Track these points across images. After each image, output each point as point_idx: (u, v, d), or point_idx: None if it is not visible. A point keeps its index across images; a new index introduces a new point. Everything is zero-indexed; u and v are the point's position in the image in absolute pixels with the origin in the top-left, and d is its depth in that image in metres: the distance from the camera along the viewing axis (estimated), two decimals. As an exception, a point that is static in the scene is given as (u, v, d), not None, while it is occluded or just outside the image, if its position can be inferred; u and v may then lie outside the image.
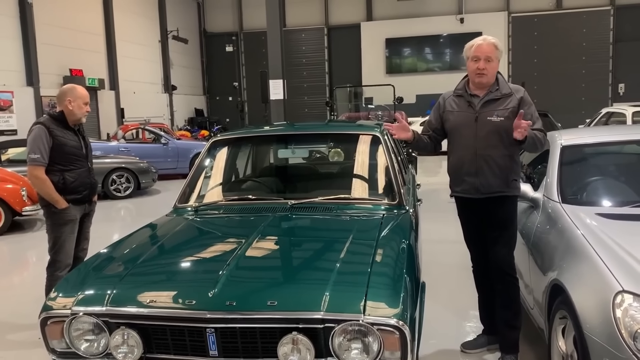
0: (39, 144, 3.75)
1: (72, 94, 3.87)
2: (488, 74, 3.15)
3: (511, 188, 3.22)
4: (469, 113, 3.22)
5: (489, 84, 3.20)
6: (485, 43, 3.15)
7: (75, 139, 3.92)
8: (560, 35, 22.50)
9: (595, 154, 3.83)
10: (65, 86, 4.03)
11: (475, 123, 3.19)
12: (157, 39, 22.75)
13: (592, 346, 2.27)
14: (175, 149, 13.69)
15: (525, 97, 3.20)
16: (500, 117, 3.14)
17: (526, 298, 3.48)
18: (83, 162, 3.96)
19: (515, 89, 3.23)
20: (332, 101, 13.85)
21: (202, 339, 2.20)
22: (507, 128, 3.08)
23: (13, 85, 15.00)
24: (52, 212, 3.86)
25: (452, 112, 3.30)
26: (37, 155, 3.74)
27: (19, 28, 15.24)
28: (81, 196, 3.93)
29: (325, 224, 3.18)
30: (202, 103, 26.98)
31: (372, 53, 24.34)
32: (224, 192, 3.69)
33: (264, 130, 4.22)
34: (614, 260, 2.44)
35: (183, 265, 2.69)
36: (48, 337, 2.37)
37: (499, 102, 3.18)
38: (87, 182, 3.98)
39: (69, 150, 3.86)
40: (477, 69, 3.14)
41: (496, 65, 3.18)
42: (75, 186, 3.88)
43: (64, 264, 3.91)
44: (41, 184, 3.78)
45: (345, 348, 2.13)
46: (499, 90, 3.20)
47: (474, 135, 3.18)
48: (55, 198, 3.79)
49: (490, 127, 3.15)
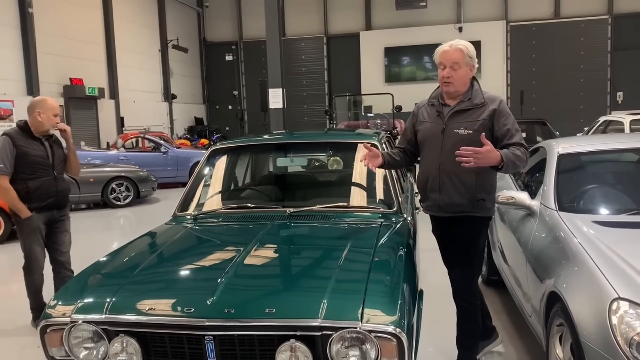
0: (3, 154, 3.95)
1: (42, 106, 4.08)
2: (455, 82, 2.91)
3: (477, 208, 2.96)
4: (437, 124, 3.01)
5: (458, 93, 2.96)
6: (452, 49, 2.91)
7: (40, 149, 4.09)
8: (558, 44, 22.60)
9: (592, 162, 3.86)
10: (36, 98, 4.24)
11: (441, 135, 2.96)
12: (157, 48, 22.84)
13: (589, 353, 2.28)
14: (175, 158, 13.72)
15: (501, 108, 2.91)
16: (467, 130, 2.88)
17: (524, 306, 3.49)
18: (48, 170, 4.10)
19: (490, 99, 2.95)
20: (331, 110, 13.90)
21: (200, 346, 2.21)
22: (476, 142, 2.77)
23: (13, 94, 15.03)
24: (17, 221, 4.09)
25: (422, 123, 3.11)
26: (1, 165, 3.93)
27: (19, 37, 15.31)
28: (45, 204, 4.08)
29: (323, 232, 3.19)
30: (202, 112, 27.04)
31: (371, 62, 24.43)
32: (223, 200, 3.71)
33: (262, 139, 4.25)
34: (610, 267, 2.46)
35: (182, 273, 2.70)
36: (47, 344, 2.38)
37: (469, 113, 2.93)
38: (53, 190, 4.11)
39: (32, 160, 4.02)
40: (443, 77, 2.93)
41: (465, 72, 2.91)
42: (39, 194, 4.04)
43: (35, 267, 4.18)
44: (5, 192, 3.96)
45: (343, 355, 2.14)
46: (470, 100, 2.95)
47: (440, 148, 2.96)
48: (19, 207, 3.98)
49: (455, 140, 2.89)
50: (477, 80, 3.03)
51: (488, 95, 2.98)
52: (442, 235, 3.16)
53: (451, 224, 3.01)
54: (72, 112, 17.18)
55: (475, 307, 3.16)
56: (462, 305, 3.16)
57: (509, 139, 2.88)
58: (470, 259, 3.08)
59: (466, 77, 2.94)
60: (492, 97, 2.98)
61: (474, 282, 3.17)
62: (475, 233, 3.04)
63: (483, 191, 2.98)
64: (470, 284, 3.14)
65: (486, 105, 2.93)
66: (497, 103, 2.94)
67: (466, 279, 3.12)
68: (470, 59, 2.93)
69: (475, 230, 3.03)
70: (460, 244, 3.06)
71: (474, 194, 2.95)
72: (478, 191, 2.96)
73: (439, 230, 3.15)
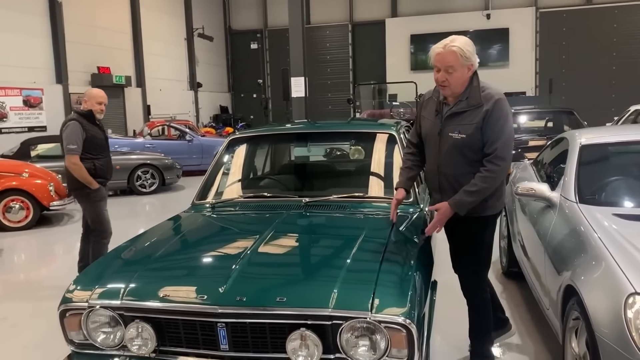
0: (75, 136, 4.54)
1: (88, 95, 4.69)
2: (450, 86, 2.77)
3: (479, 209, 2.86)
4: (435, 124, 2.91)
5: (456, 94, 2.82)
6: (445, 51, 2.72)
7: (100, 133, 4.73)
8: (590, 31, 22.01)
9: (615, 154, 3.76)
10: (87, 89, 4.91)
11: (438, 137, 2.88)
12: (183, 36, 23.02)
13: (603, 348, 2.25)
14: (200, 146, 13.87)
15: (494, 109, 2.73)
16: (461, 135, 2.78)
17: (542, 299, 3.45)
18: (107, 151, 4.79)
19: (486, 98, 2.76)
20: (354, 98, 13.82)
21: (213, 333, 2.25)
22: (471, 145, 2.76)
23: (43, 82, 15.36)
24: (86, 194, 4.66)
25: (424, 118, 3.01)
26: (74, 146, 4.53)
27: (49, 27, 15.60)
28: (106, 180, 4.78)
29: (338, 222, 3.20)
30: (227, 100, 27.21)
31: (396, 49, 24.19)
32: (240, 189, 3.75)
33: (279, 129, 4.26)
34: (628, 261, 2.41)
35: (197, 261, 2.75)
36: (67, 328, 2.45)
37: (465, 115, 2.80)
38: (111, 168, 4.85)
39: (97, 142, 4.67)
40: (437, 80, 2.80)
41: (461, 74, 2.74)
42: (103, 171, 4.71)
43: (108, 232, 4.77)
44: (78, 169, 4.56)
45: (352, 345, 2.15)
46: (468, 100, 2.79)
47: (438, 150, 2.89)
48: (89, 180, 4.59)
49: (450, 143, 2.81)
50: (476, 76, 2.85)
51: (485, 94, 2.79)
52: (450, 232, 3.12)
53: (456, 221, 2.91)
54: (100, 100, 17.44)
55: (485, 301, 3.15)
56: (472, 300, 3.14)
57: (487, 147, 2.76)
58: (477, 255, 3.04)
59: (462, 79, 2.78)
60: (489, 95, 2.78)
61: (483, 278, 3.14)
62: (480, 231, 2.99)
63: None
64: (479, 279, 3.11)
65: (482, 106, 2.76)
66: (491, 103, 2.75)
67: (475, 275, 3.09)
68: (466, 59, 2.74)
69: (480, 228, 2.98)
70: (467, 241, 3.02)
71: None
72: None
73: (446, 227, 3.05)
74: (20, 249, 7.28)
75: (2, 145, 11.80)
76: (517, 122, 10.12)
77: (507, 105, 2.81)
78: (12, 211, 7.97)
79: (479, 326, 3.17)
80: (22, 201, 7.99)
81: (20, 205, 7.99)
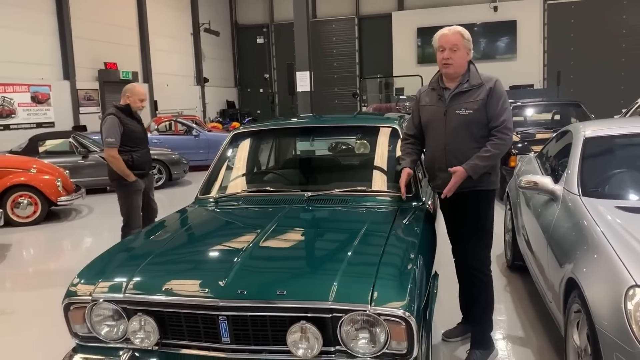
0: (113, 130, 4.75)
1: (130, 91, 4.93)
2: (454, 64, 3.06)
3: (484, 182, 3.12)
4: (438, 107, 3.16)
5: (457, 74, 3.11)
6: (450, 32, 3.09)
7: (138, 126, 4.98)
8: (598, 23, 21.79)
9: (619, 146, 3.74)
10: (129, 84, 5.11)
11: (444, 117, 3.12)
12: (190, 31, 23.05)
13: (604, 341, 2.25)
14: (206, 141, 13.91)
15: (496, 87, 3.06)
16: (468, 110, 3.06)
17: (545, 292, 3.45)
18: (145, 144, 5.03)
19: (486, 79, 3.10)
20: (360, 92, 13.79)
21: (214, 326, 2.27)
22: (477, 121, 3.05)
23: (50, 79, 15.45)
24: (123, 185, 4.87)
25: (424, 107, 3.25)
26: (112, 139, 4.74)
27: (55, 23, 15.68)
28: (144, 172, 4.99)
29: (340, 216, 3.21)
30: (234, 95, 27.25)
31: (403, 43, 24.09)
32: (243, 184, 3.76)
33: (282, 123, 4.27)
34: (629, 254, 2.40)
35: (199, 255, 2.77)
36: (71, 321, 2.48)
37: (468, 94, 3.08)
38: (149, 160, 5.08)
39: (135, 135, 4.89)
40: (442, 58, 3.08)
41: (463, 54, 3.08)
42: (140, 163, 4.91)
43: (136, 224, 4.92)
44: (116, 161, 4.77)
45: (352, 337, 2.17)
46: (469, 82, 3.10)
47: (444, 130, 3.12)
48: (127, 172, 4.80)
49: (457, 120, 3.08)
50: (473, 64, 3.18)
51: (485, 76, 3.13)
52: (451, 211, 3.30)
53: (458, 199, 3.14)
54: (107, 95, 17.55)
55: (488, 277, 3.29)
56: (475, 275, 3.26)
57: (494, 120, 3.05)
58: (480, 231, 3.22)
59: (464, 59, 3.10)
60: (488, 77, 3.13)
61: (486, 254, 3.29)
62: (482, 206, 3.19)
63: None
64: (482, 255, 3.26)
65: (483, 85, 3.08)
66: (492, 82, 3.09)
67: (478, 251, 3.24)
68: (468, 41, 3.11)
69: (481, 203, 3.18)
70: (469, 217, 3.21)
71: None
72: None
73: (448, 206, 3.28)
74: (29, 244, 7.36)
75: (10, 141, 11.90)
76: (524, 114, 10.06)
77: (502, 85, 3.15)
78: (21, 207, 8.05)
79: (480, 306, 3.28)
80: (30, 197, 8.07)
81: (28, 200, 8.07)
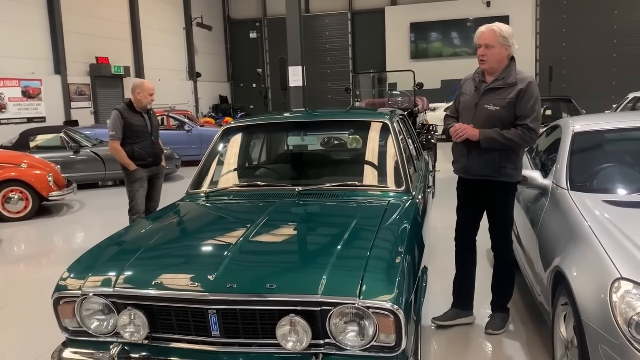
0: (115, 124, 5.21)
1: (141, 87, 5.28)
2: (488, 60, 3.26)
3: (500, 174, 3.35)
4: (472, 98, 3.39)
5: (492, 70, 3.30)
6: (487, 30, 3.26)
7: (141, 120, 5.32)
8: (590, 18, 21.91)
9: (608, 141, 3.77)
10: (137, 80, 5.54)
11: (474, 108, 3.35)
12: (182, 26, 22.95)
13: (589, 332, 2.28)
14: (199, 136, 13.87)
15: (528, 89, 3.22)
16: (496, 107, 3.25)
17: (534, 286, 3.48)
18: (147, 136, 5.35)
19: (521, 79, 3.26)
20: (353, 87, 13.79)
21: (204, 319, 2.28)
22: (502, 118, 3.24)
23: (41, 73, 15.35)
24: (126, 173, 5.32)
25: (463, 95, 3.50)
26: (114, 132, 5.21)
27: (46, 17, 15.56)
28: (146, 162, 5.34)
29: (330, 210, 3.22)
30: (226, 90, 27.17)
31: (396, 38, 24.10)
32: (234, 178, 3.76)
33: (273, 118, 4.26)
34: (615, 247, 2.43)
35: (189, 249, 2.77)
36: (61, 316, 2.47)
37: (501, 91, 3.27)
38: (151, 151, 5.37)
39: (136, 128, 5.26)
40: (478, 55, 3.30)
41: (498, 51, 3.24)
42: (141, 154, 5.28)
43: (137, 210, 5.31)
44: (117, 152, 5.25)
45: (341, 330, 2.18)
46: (504, 79, 3.27)
47: (471, 119, 3.35)
48: (127, 162, 5.24)
49: (485, 114, 3.29)
50: (514, 61, 3.33)
51: (520, 76, 3.28)
52: (466, 193, 3.60)
53: (477, 186, 3.47)
54: (99, 90, 17.47)
55: (511, 261, 3.73)
56: (501, 260, 3.62)
57: (521, 119, 3.24)
58: (502, 219, 3.52)
59: (499, 56, 3.26)
60: (524, 77, 3.28)
61: (509, 240, 3.61)
62: (503, 196, 3.46)
63: (505, 159, 3.34)
64: (506, 241, 3.59)
65: (516, 85, 3.24)
66: (525, 83, 3.24)
67: (502, 237, 3.57)
68: (504, 39, 3.24)
69: (502, 193, 3.45)
70: (492, 205, 3.52)
71: (496, 161, 3.34)
72: (501, 159, 3.33)
73: (464, 187, 3.60)
74: (20, 239, 7.33)
75: (1, 136, 11.84)
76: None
77: (536, 87, 3.30)
78: (11, 202, 8.01)
79: (504, 281, 3.66)
80: (21, 192, 8.03)
81: (19, 195, 8.03)
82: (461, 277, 3.73)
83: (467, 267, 3.70)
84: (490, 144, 3.25)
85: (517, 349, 3.43)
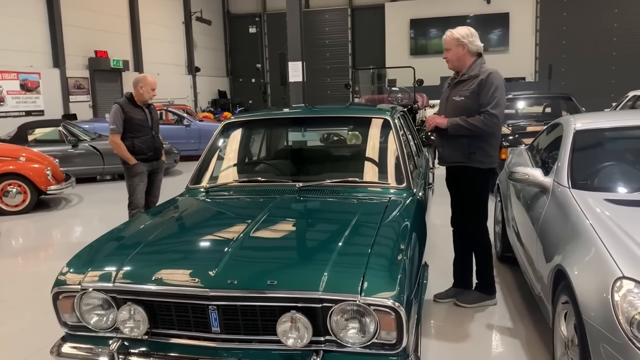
0: (115, 118, 5.18)
1: (143, 81, 5.27)
2: (449, 60, 3.73)
3: (470, 160, 3.67)
4: (446, 93, 3.82)
5: (457, 68, 3.72)
6: (445, 35, 3.73)
7: (141, 114, 5.30)
8: (590, 16, 21.86)
9: (609, 139, 3.76)
10: (139, 75, 5.52)
11: (446, 101, 3.76)
12: (181, 20, 22.86)
13: (590, 331, 2.27)
14: (197, 131, 13.83)
15: (488, 78, 3.54)
16: (461, 97, 3.62)
17: (534, 284, 3.48)
18: (148, 131, 5.32)
19: (483, 71, 3.60)
20: (352, 83, 13.78)
21: (204, 315, 2.27)
22: (468, 108, 3.57)
23: (40, 66, 15.29)
24: (126, 167, 5.31)
25: (442, 93, 3.92)
26: (114, 126, 5.19)
27: (45, 10, 15.48)
28: (146, 156, 5.32)
29: (331, 207, 3.21)
30: (226, 85, 27.10)
31: (396, 34, 24.04)
32: (234, 174, 3.75)
33: (274, 113, 4.25)
34: (617, 246, 2.42)
35: (189, 245, 2.76)
36: (60, 311, 2.47)
37: (465, 83, 3.65)
38: (151, 145, 5.35)
39: (136, 122, 5.23)
40: (443, 57, 3.78)
41: (455, 51, 3.66)
42: (141, 148, 5.26)
43: (137, 204, 5.30)
44: (117, 146, 5.22)
45: (342, 327, 2.17)
46: (468, 73, 3.65)
47: (444, 112, 3.75)
48: (127, 156, 5.22)
49: (453, 105, 3.66)
50: (482, 57, 3.71)
51: (483, 69, 3.63)
52: (448, 181, 3.94)
53: (453, 172, 3.83)
54: (97, 84, 17.41)
55: (488, 244, 3.93)
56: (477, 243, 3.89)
57: (484, 107, 3.55)
58: (473, 203, 3.81)
59: (457, 55, 3.67)
60: (486, 69, 3.62)
61: (483, 226, 3.86)
62: (473, 180, 3.74)
63: (475, 147, 3.64)
64: (480, 227, 3.85)
65: (478, 76, 3.59)
66: (486, 74, 3.58)
67: (472, 218, 3.84)
68: (457, 40, 3.64)
69: (472, 178, 3.72)
70: (463, 190, 3.82)
71: (466, 147, 3.65)
72: (470, 146, 3.64)
73: (447, 176, 3.94)
74: (18, 233, 7.31)
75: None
76: (515, 107, 10.07)
77: (499, 77, 3.60)
78: (10, 195, 7.98)
79: (483, 264, 3.94)
80: (20, 185, 8.00)
81: (17, 189, 8.00)
82: (458, 260, 4.05)
83: (463, 250, 4.00)
84: (457, 130, 3.57)
85: (517, 348, 3.42)
